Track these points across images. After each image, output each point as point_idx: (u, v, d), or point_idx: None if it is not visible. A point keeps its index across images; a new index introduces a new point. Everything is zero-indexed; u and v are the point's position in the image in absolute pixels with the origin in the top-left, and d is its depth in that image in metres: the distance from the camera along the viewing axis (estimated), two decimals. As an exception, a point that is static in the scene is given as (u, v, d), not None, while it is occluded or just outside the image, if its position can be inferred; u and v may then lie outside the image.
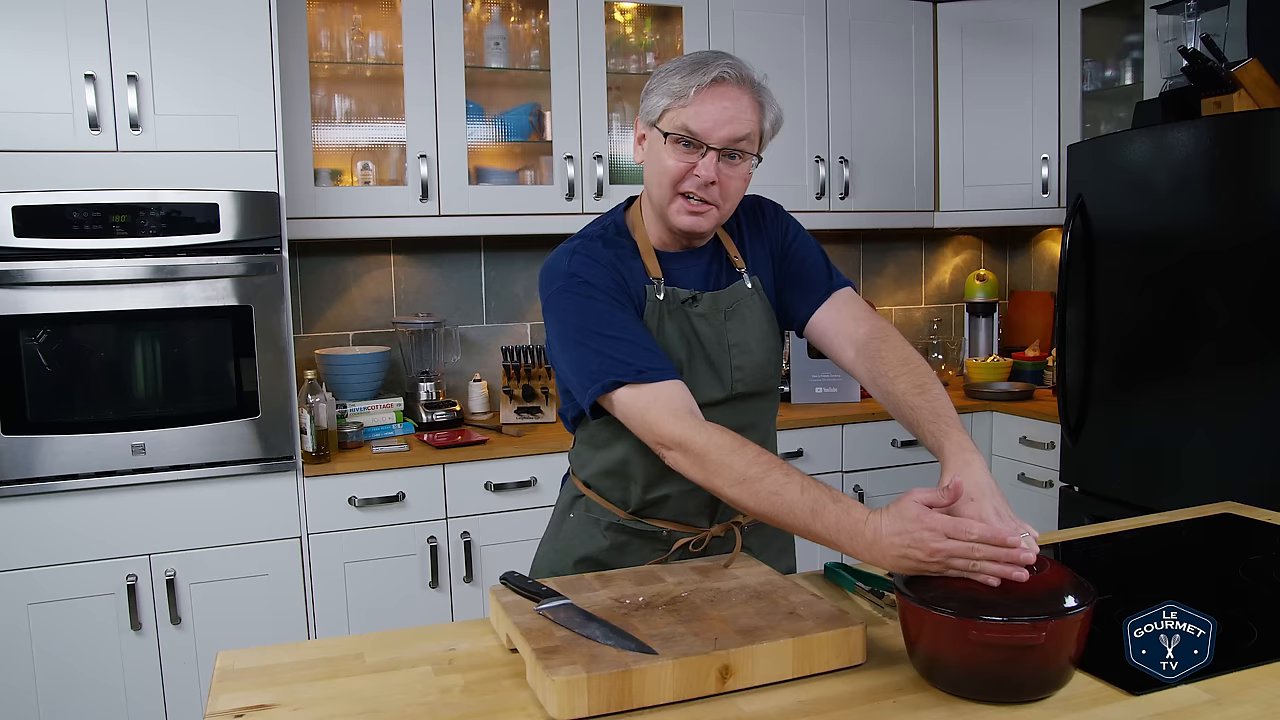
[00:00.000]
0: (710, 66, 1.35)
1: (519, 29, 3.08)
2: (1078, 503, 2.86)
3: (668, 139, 1.36)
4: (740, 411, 1.46)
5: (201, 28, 2.37)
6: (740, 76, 1.36)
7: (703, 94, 1.34)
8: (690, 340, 1.43)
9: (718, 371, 1.44)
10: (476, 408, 3.12)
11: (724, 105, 1.34)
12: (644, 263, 1.44)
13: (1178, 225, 2.51)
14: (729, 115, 1.34)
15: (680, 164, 1.36)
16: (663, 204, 1.40)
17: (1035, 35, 3.34)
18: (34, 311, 2.26)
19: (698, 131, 1.34)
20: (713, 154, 1.35)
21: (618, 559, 1.50)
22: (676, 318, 1.43)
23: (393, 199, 2.82)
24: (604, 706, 1.00)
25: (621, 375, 1.30)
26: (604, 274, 1.38)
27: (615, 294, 1.37)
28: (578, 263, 1.39)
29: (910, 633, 1.07)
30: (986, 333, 3.81)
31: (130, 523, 2.36)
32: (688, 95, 1.34)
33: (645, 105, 1.41)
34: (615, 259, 1.42)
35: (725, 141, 1.35)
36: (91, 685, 2.36)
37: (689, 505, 1.47)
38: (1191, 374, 2.49)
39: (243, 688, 1.10)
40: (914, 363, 1.32)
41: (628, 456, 1.45)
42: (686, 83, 1.34)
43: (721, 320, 1.45)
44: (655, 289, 1.42)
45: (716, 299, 1.45)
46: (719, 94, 1.34)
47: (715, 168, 1.35)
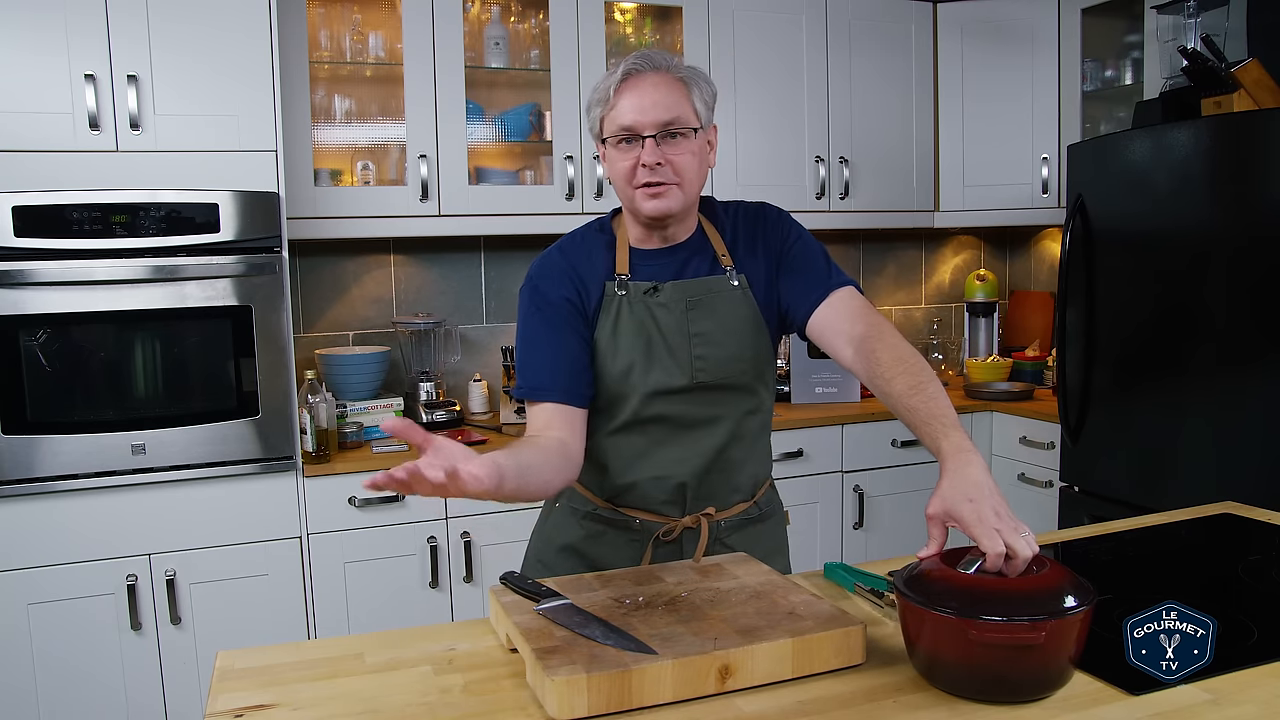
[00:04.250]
0: (621, 64, 1.44)
1: (519, 29, 3.08)
2: (1078, 503, 2.86)
3: (606, 143, 1.45)
4: (705, 402, 1.49)
5: (201, 28, 2.37)
6: (654, 64, 1.43)
7: (620, 92, 1.42)
8: (650, 330, 1.47)
9: (678, 359, 1.47)
10: (476, 408, 3.12)
11: (643, 92, 1.41)
12: (615, 259, 1.50)
13: (1178, 225, 2.51)
14: (650, 101, 1.40)
15: (627, 161, 1.43)
16: (629, 202, 1.47)
17: (1035, 35, 3.34)
18: (34, 311, 2.26)
19: (630, 125, 1.41)
20: (649, 141, 1.41)
21: (594, 548, 1.55)
22: (637, 310, 1.47)
23: (393, 199, 2.82)
24: (604, 706, 1.00)
25: (519, 390, 1.47)
26: (557, 283, 1.48)
27: (558, 305, 1.47)
28: (541, 268, 1.51)
29: (910, 633, 1.07)
30: (986, 333, 3.81)
31: (130, 523, 2.36)
32: (609, 98, 1.43)
33: (589, 123, 1.50)
34: (584, 258, 1.50)
35: (656, 126, 1.40)
36: (91, 685, 2.36)
37: (656, 494, 1.52)
38: (1191, 374, 2.49)
39: (243, 688, 1.10)
40: (910, 361, 1.32)
41: (599, 442, 1.51)
42: (606, 86, 1.44)
43: (683, 310, 1.48)
44: (616, 284, 1.48)
45: (680, 288, 1.49)
46: (635, 86, 1.41)
47: (656, 151, 1.41)
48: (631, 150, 1.42)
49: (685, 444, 1.50)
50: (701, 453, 1.50)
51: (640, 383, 1.46)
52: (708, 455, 1.51)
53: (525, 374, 1.46)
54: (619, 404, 1.48)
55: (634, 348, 1.46)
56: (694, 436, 1.50)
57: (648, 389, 1.46)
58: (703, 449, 1.50)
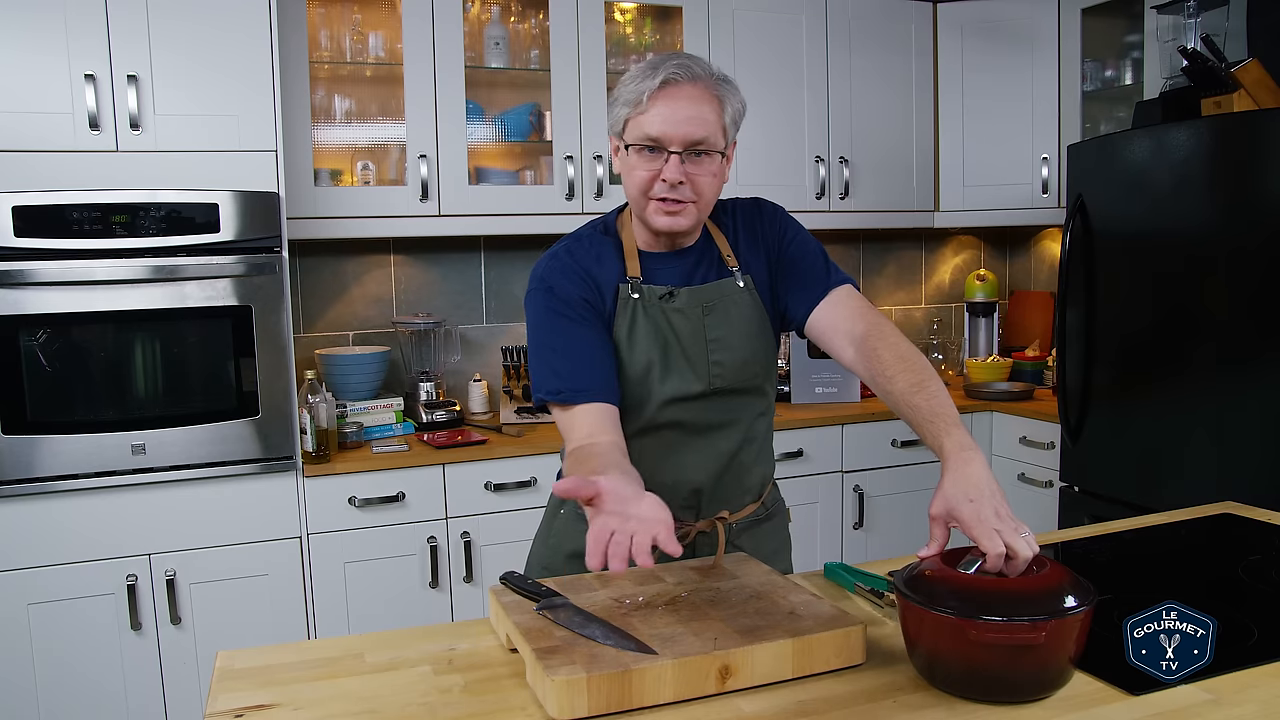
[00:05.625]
0: (660, 69, 1.35)
1: (519, 29, 3.08)
2: (1078, 503, 2.86)
3: (629, 149, 1.38)
4: (720, 408, 1.48)
5: (201, 28, 2.37)
6: (692, 74, 1.36)
7: (656, 99, 1.34)
8: (666, 336, 1.44)
9: (695, 366, 1.45)
10: (476, 408, 3.12)
11: (678, 106, 1.34)
12: (625, 262, 1.46)
13: (1178, 225, 2.51)
14: (684, 116, 1.34)
15: (647, 171, 1.37)
16: (640, 210, 1.42)
17: (1035, 35, 3.34)
18: (34, 311, 2.26)
19: (657, 137, 1.35)
20: (675, 157, 1.35)
21: None
22: (652, 315, 1.44)
23: (393, 199, 2.82)
24: (604, 706, 1.00)
25: (546, 395, 1.38)
26: (571, 282, 1.42)
27: (576, 304, 1.40)
28: (551, 268, 1.44)
29: (910, 633, 1.07)
30: (986, 333, 3.81)
31: (130, 523, 2.36)
32: (642, 102, 1.35)
33: (610, 117, 1.43)
34: (594, 260, 1.45)
35: (685, 143, 1.35)
36: (91, 685, 2.36)
37: (671, 499, 1.47)
38: (1191, 374, 2.49)
39: (243, 688, 1.10)
40: (911, 359, 1.31)
41: None
42: (639, 90, 1.35)
43: (700, 315, 1.46)
44: (630, 288, 1.44)
45: (695, 294, 1.46)
46: (672, 96, 1.34)
47: (680, 169, 1.36)
48: (653, 161, 1.37)
49: (700, 449, 1.49)
50: (716, 457, 1.50)
51: (657, 390, 1.44)
52: (722, 459, 1.50)
53: (556, 377, 1.37)
54: (634, 410, 1.45)
55: (650, 353, 1.44)
56: (709, 441, 1.49)
57: (665, 396, 1.44)
58: (718, 453, 1.50)
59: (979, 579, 1.04)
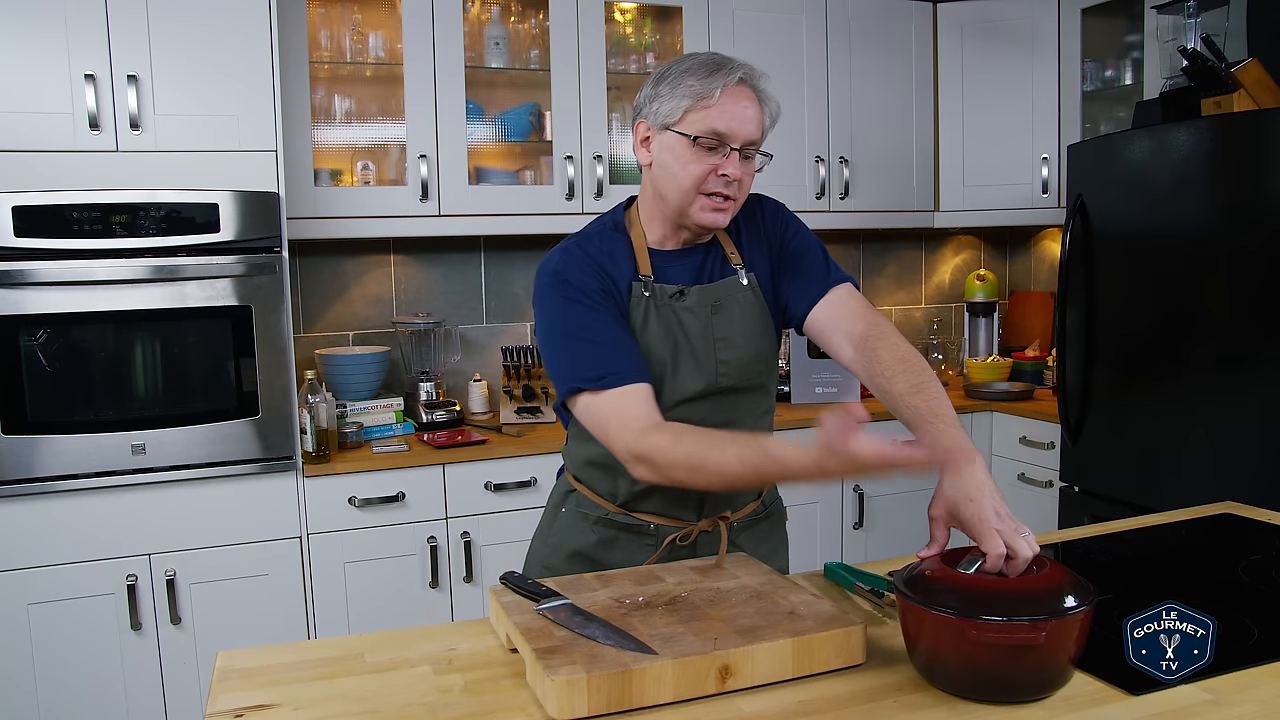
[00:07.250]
0: (732, 68, 1.38)
1: (519, 29, 3.08)
2: (1078, 503, 2.86)
3: (696, 141, 1.37)
4: (725, 406, 1.47)
5: (201, 28, 2.37)
6: (754, 78, 1.40)
7: (727, 95, 1.37)
8: (676, 335, 1.44)
9: (702, 364, 1.45)
10: (476, 408, 3.12)
11: (744, 106, 1.38)
12: (635, 260, 1.46)
13: (1178, 225, 2.51)
14: (750, 114, 1.38)
15: (704, 166, 1.38)
16: (683, 204, 1.41)
17: (1035, 35, 3.34)
18: (34, 311, 2.26)
19: (725, 133, 1.37)
20: (736, 153, 1.38)
21: (607, 554, 1.51)
22: (663, 313, 1.44)
23: (393, 199, 2.82)
24: (604, 706, 1.00)
25: (582, 382, 1.34)
26: (587, 274, 1.41)
27: (595, 295, 1.39)
28: (565, 261, 1.43)
29: (910, 632, 1.07)
30: (986, 333, 3.81)
31: (130, 523, 2.36)
32: (712, 97, 1.36)
33: (656, 107, 1.41)
34: (606, 257, 1.44)
35: (745, 141, 1.38)
36: (91, 685, 2.36)
37: (675, 497, 1.48)
38: (1191, 374, 2.49)
39: (243, 688, 1.10)
40: (910, 360, 1.32)
41: None
42: (708, 84, 1.36)
43: (708, 313, 1.46)
44: (643, 286, 1.44)
45: (704, 292, 1.46)
46: (740, 94, 1.38)
47: (740, 166, 1.38)
48: (711, 157, 1.37)
49: None
50: None
51: (668, 389, 1.43)
52: None
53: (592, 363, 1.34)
54: None
55: (661, 351, 1.43)
56: None
57: (675, 396, 1.44)
58: None
59: (979, 579, 1.04)
